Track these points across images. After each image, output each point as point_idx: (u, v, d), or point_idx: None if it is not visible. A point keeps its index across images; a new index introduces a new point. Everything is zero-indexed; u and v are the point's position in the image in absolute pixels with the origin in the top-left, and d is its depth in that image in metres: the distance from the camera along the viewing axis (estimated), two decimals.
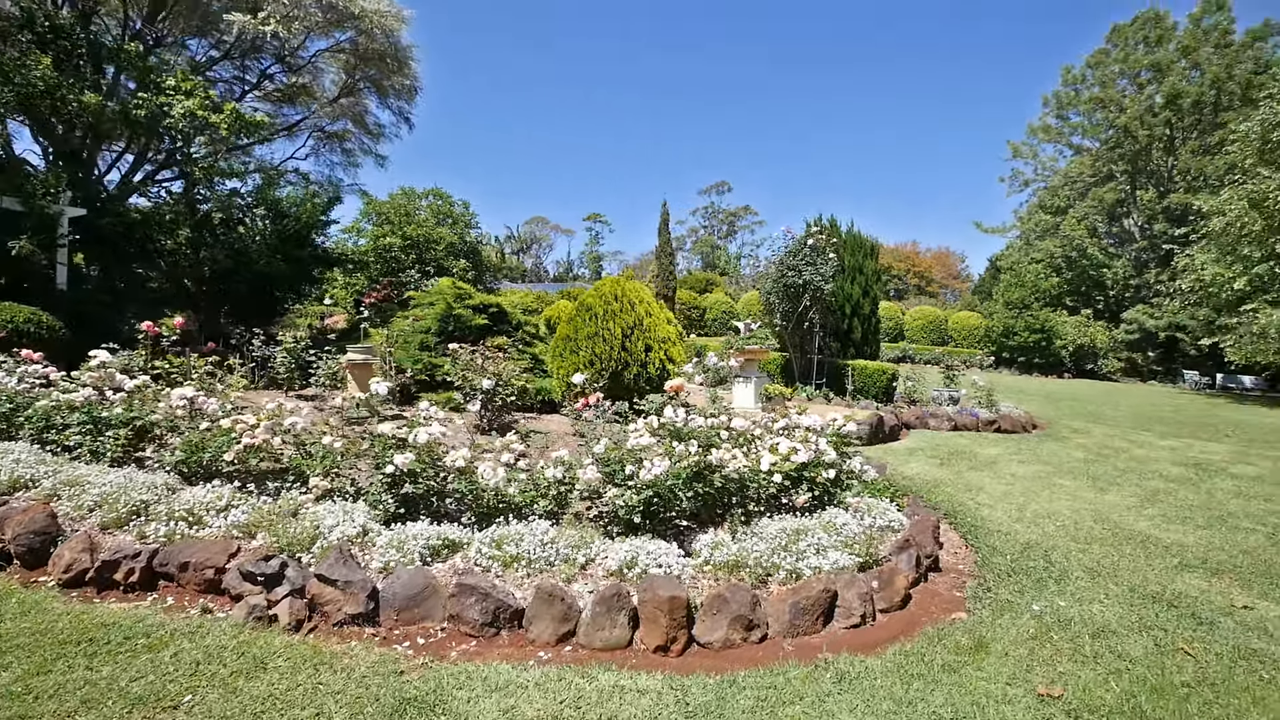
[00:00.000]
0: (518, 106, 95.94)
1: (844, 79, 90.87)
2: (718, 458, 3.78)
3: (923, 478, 6.21)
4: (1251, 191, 18.07)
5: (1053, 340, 25.86)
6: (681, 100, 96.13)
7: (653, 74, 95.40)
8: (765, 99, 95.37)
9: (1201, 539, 4.74)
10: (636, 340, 8.27)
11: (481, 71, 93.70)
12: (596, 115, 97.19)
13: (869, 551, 3.61)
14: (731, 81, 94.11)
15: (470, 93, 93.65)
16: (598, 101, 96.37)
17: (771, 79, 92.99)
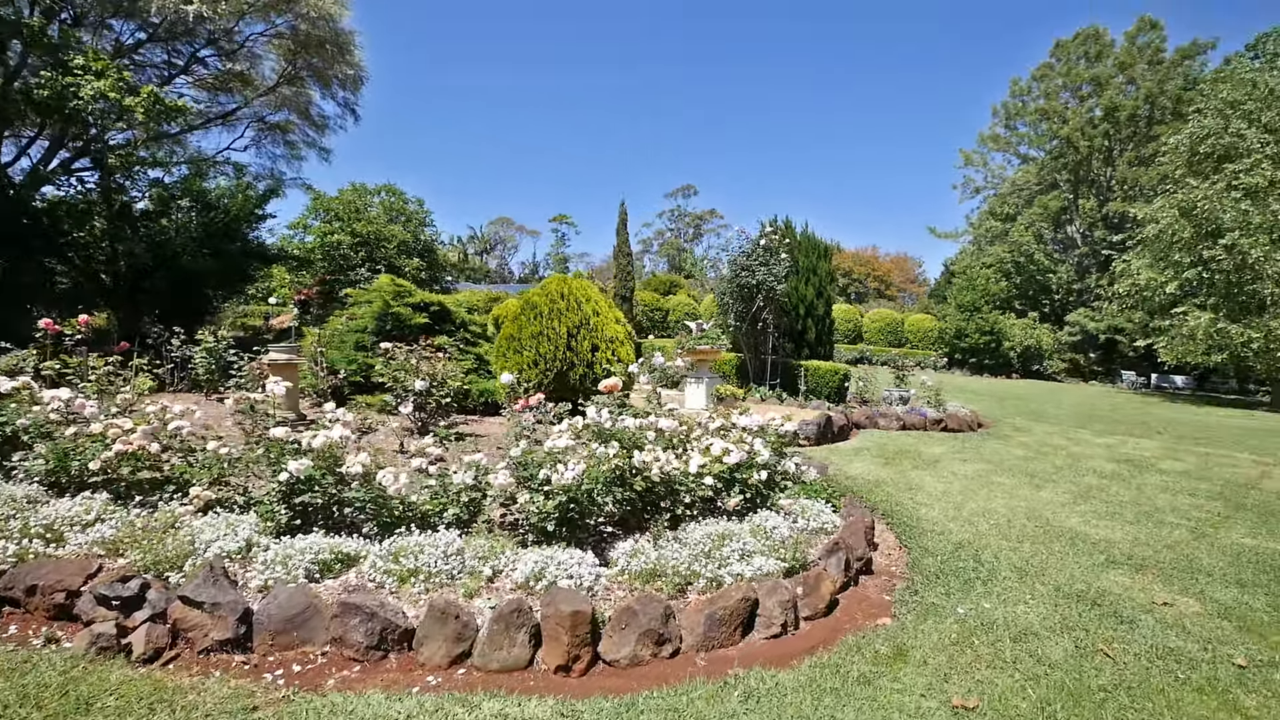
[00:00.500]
0: (482, 108, 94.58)
1: (806, 87, 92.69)
2: (641, 460, 3.57)
3: (865, 477, 6.16)
4: (1181, 201, 19.02)
5: (1002, 342, 26.73)
6: (650, 104, 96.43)
7: (623, 77, 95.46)
8: (731, 106, 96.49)
9: (1129, 534, 4.78)
10: (583, 340, 8.02)
11: (443, 70, 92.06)
12: (562, 117, 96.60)
13: (796, 556, 3.46)
14: (697, 87, 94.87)
15: (436, 92, 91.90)
16: (563, 104, 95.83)
17: (739, 86, 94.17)
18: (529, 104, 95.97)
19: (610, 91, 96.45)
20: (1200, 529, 5.06)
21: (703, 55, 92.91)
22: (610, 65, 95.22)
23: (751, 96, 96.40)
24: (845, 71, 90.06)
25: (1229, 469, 7.72)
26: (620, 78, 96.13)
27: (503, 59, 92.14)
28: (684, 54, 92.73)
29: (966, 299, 27.43)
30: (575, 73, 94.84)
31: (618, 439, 3.89)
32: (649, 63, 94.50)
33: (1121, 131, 29.46)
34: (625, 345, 8.41)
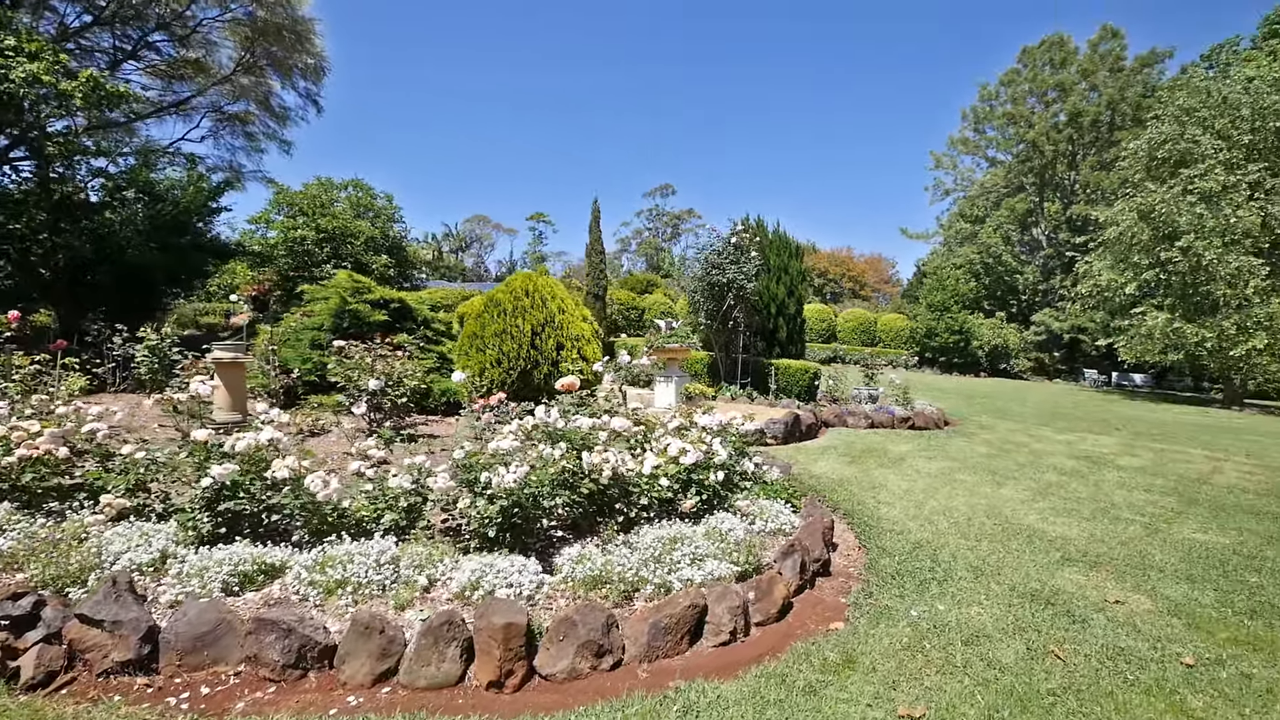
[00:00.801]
0: (456, 104, 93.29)
1: (787, 88, 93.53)
2: (590, 462, 3.43)
3: (830, 476, 6.11)
4: (1140, 204, 19.58)
5: (970, 341, 27.25)
6: (630, 103, 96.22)
7: (600, 76, 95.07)
8: (712, 106, 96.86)
9: (1085, 531, 4.80)
10: (547, 338, 7.85)
11: (418, 65, 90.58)
12: (540, 114, 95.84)
13: (750, 559, 3.36)
14: (675, 87, 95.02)
15: (410, 86, 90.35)
16: (541, 100, 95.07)
17: (721, 88, 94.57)
18: (505, 100, 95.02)
19: (591, 89, 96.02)
20: (1154, 524, 5.11)
21: (682, 57, 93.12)
22: (591, 62, 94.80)
23: (729, 98, 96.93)
24: (819, 73, 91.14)
25: (1183, 464, 7.90)
26: (601, 76, 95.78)
27: (477, 54, 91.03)
28: (657, 56, 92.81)
29: (936, 299, 27.89)
30: (552, 69, 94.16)
31: (568, 440, 3.74)
32: (632, 62, 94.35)
33: (1084, 136, 30.27)
34: (592, 344, 8.26)
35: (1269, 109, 18.22)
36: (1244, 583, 3.87)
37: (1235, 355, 17.50)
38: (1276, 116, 18.17)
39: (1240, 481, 7.03)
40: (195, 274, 11.26)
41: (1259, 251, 18.02)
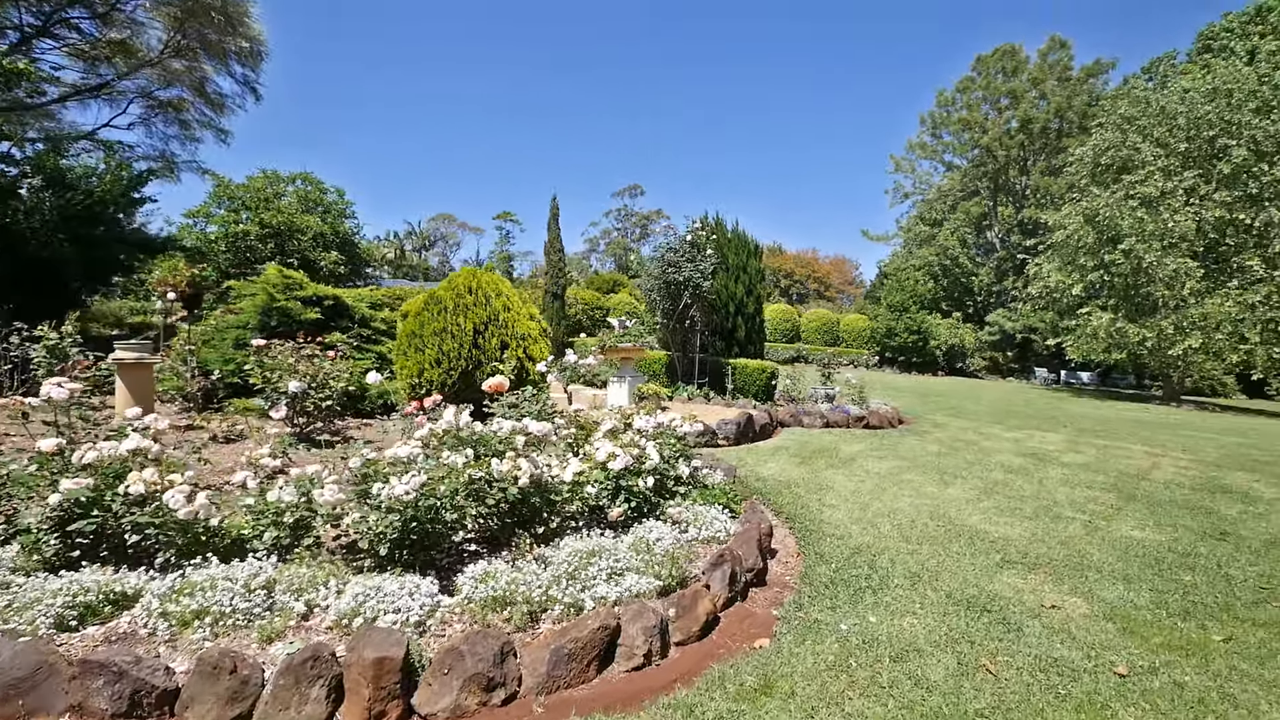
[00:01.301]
0: (422, 103, 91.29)
1: (757, 92, 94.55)
2: (499, 469, 3.14)
3: (777, 478, 5.95)
4: (1086, 208, 20.29)
5: (928, 340, 27.84)
6: (602, 103, 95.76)
7: (568, 79, 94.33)
8: (677, 103, 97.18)
9: (1026, 531, 4.74)
10: (491, 337, 7.49)
11: (380, 59, 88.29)
12: (510, 114, 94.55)
13: (676, 572, 3.12)
14: (644, 91, 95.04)
15: (371, 79, 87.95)
16: (509, 102, 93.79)
17: (695, 89, 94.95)
18: (471, 99, 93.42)
19: (561, 88, 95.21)
20: (1093, 522, 5.10)
21: (656, 58, 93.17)
22: (559, 59, 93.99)
23: (703, 99, 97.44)
24: (786, 75, 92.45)
25: (1124, 460, 8.04)
26: (571, 75, 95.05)
27: (446, 49, 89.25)
28: (629, 57, 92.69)
29: (896, 299, 28.41)
30: (520, 65, 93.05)
31: (484, 445, 3.44)
32: (600, 62, 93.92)
33: (1035, 143, 31.33)
34: (539, 343, 7.93)
35: (1202, 119, 19.08)
36: (1178, 582, 3.83)
37: (1173, 354, 18.25)
38: (1209, 126, 19.05)
39: (1176, 476, 7.17)
40: (115, 269, 10.44)
41: (1195, 255, 18.85)
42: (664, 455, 4.33)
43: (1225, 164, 18.43)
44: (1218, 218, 18.30)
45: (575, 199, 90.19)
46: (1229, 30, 31.37)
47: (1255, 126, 18.43)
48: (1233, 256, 18.62)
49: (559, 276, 15.86)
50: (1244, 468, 8.00)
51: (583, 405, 8.95)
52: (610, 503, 3.73)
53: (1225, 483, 6.95)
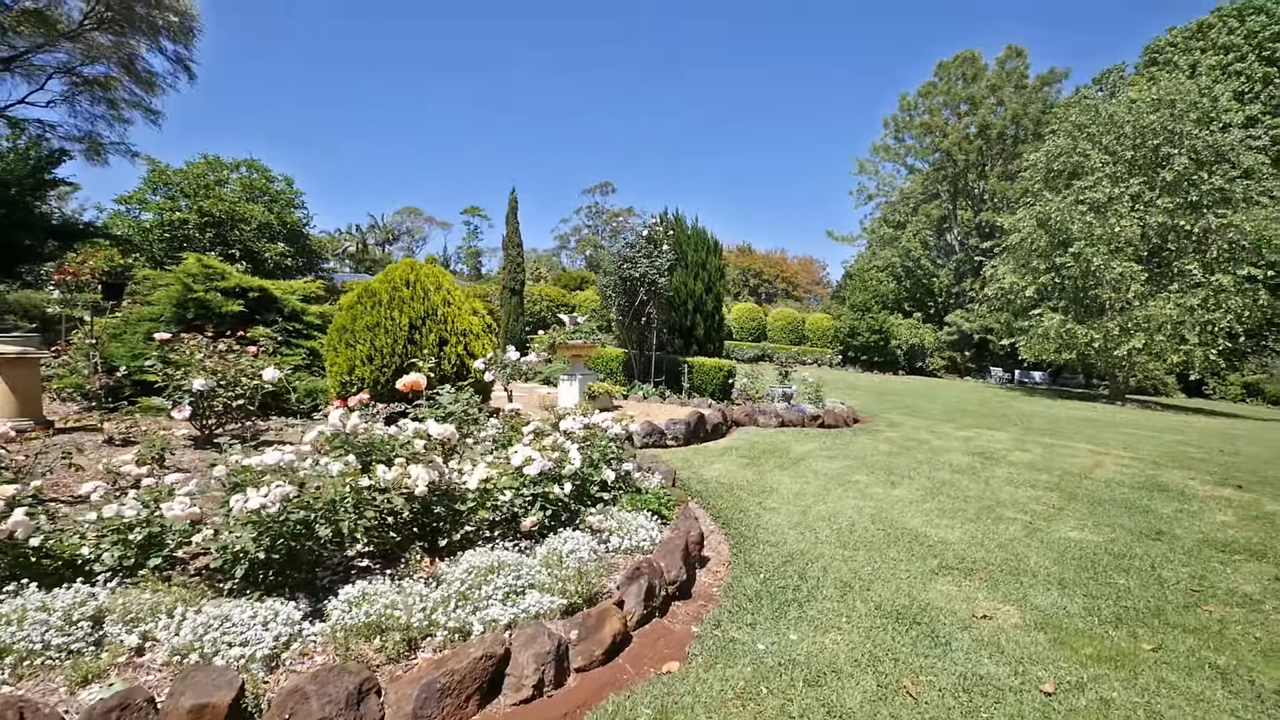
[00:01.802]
0: (390, 96, 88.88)
1: (732, 93, 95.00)
2: (387, 477, 2.82)
3: (721, 480, 5.75)
4: (1039, 212, 20.82)
5: (890, 340, 28.27)
6: (569, 99, 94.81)
7: (544, 76, 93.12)
8: (653, 104, 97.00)
9: (967, 533, 4.63)
10: (429, 332, 7.10)
11: (345, 45, 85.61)
12: (478, 107, 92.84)
13: (585, 587, 2.85)
14: (619, 91, 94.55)
15: (330, 75, 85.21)
16: (480, 93, 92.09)
17: (657, 90, 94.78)
18: (440, 93, 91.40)
19: (537, 84, 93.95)
20: (1034, 523, 5.04)
21: (627, 60, 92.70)
22: (536, 57, 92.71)
23: (666, 94, 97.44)
24: (752, 77, 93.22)
25: (1069, 459, 8.13)
26: (551, 71, 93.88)
27: (414, 30, 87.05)
28: (611, 58, 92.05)
29: (859, 299, 28.76)
30: (496, 60, 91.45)
31: (380, 450, 3.11)
32: (579, 65, 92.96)
33: (993, 148, 32.14)
34: (482, 339, 7.56)
35: (1147, 128, 19.77)
36: (1112, 585, 3.75)
37: (1118, 354, 18.86)
38: (1154, 135, 19.75)
39: (1117, 474, 7.25)
40: (20, 257, 9.61)
41: (1139, 259, 19.51)
42: (592, 458, 4.06)
43: (1168, 171, 19.13)
44: (1160, 223, 18.97)
45: (547, 196, 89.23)
46: (1173, 45, 32.78)
47: (1196, 136, 19.17)
48: (1174, 261, 19.34)
49: (517, 271, 15.43)
50: (1181, 465, 8.18)
51: (526, 405, 8.58)
52: (525, 511, 3.44)
53: (1162, 480, 7.06)
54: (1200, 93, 20.47)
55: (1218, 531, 5.16)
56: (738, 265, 57.62)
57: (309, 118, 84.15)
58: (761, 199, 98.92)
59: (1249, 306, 18.42)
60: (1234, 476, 7.58)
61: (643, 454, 6.33)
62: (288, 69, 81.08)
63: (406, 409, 4.75)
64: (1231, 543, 4.83)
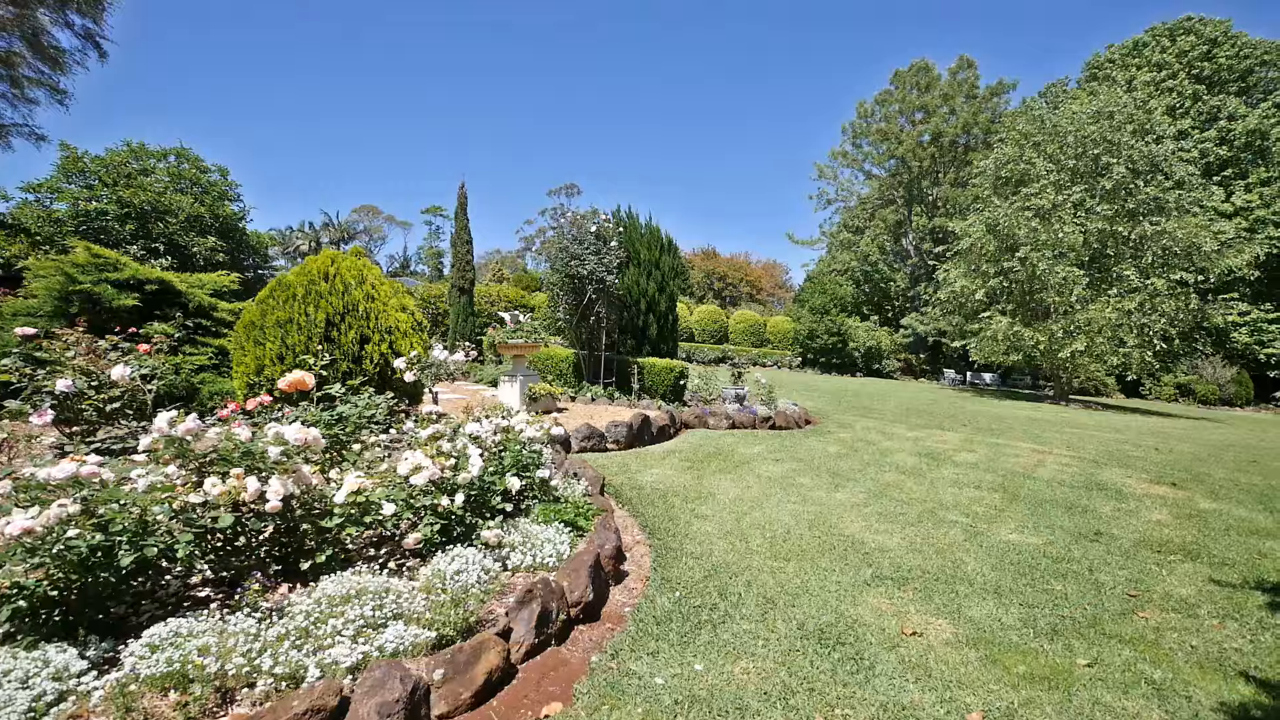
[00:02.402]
0: (349, 93, 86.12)
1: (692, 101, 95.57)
2: (214, 492, 2.36)
3: (656, 486, 5.42)
4: (988, 218, 21.33)
5: (848, 342, 28.63)
6: (526, 99, 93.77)
7: (502, 81, 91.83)
8: (620, 105, 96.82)
9: (906, 538, 4.42)
10: (348, 329, 6.56)
11: (314, 54, 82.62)
12: (441, 104, 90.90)
13: (461, 616, 2.46)
14: (588, 92, 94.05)
15: (292, 70, 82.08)
16: (447, 94, 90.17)
17: (621, 78, 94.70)
18: (406, 92, 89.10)
19: (498, 87, 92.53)
20: (975, 526, 4.87)
21: (596, 63, 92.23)
22: (487, 62, 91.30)
23: (641, 100, 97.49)
24: (712, 81, 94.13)
25: (1013, 458, 8.12)
26: (506, 75, 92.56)
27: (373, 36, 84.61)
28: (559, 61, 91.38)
29: (817, 302, 29.06)
30: (458, 63, 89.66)
31: (226, 460, 2.65)
32: (535, 69, 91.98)
33: (945, 155, 33.03)
34: (409, 338, 7.05)
35: (1088, 138, 20.52)
36: (1049, 592, 3.56)
37: (1062, 356, 19.45)
38: (1094, 145, 20.51)
39: (1059, 474, 7.24)
40: None
41: (1081, 264, 20.20)
42: (501, 465, 3.67)
43: (1107, 180, 19.88)
44: (1100, 229, 19.69)
45: (513, 198, 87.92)
46: (1111, 61, 34.40)
47: (1132, 147, 19.99)
48: (1113, 266, 20.09)
49: (466, 270, 14.83)
50: (1119, 463, 8.27)
51: (461, 409, 8.06)
52: (415, 525, 3.03)
53: (1101, 479, 7.07)
54: (1136, 105, 21.39)
55: (1154, 530, 5.11)
56: (702, 269, 57.82)
57: (258, 106, 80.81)
58: (725, 204, 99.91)
59: (1181, 309, 19.25)
60: (1168, 474, 7.69)
61: (579, 458, 5.96)
62: (248, 57, 77.73)
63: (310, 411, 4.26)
64: (1167, 543, 4.76)
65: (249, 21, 75.02)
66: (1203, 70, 31.46)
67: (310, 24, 79.30)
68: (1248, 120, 29.32)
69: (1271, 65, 30.71)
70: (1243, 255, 20.64)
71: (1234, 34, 31.35)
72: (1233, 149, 29.84)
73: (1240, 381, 27.71)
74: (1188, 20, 32.37)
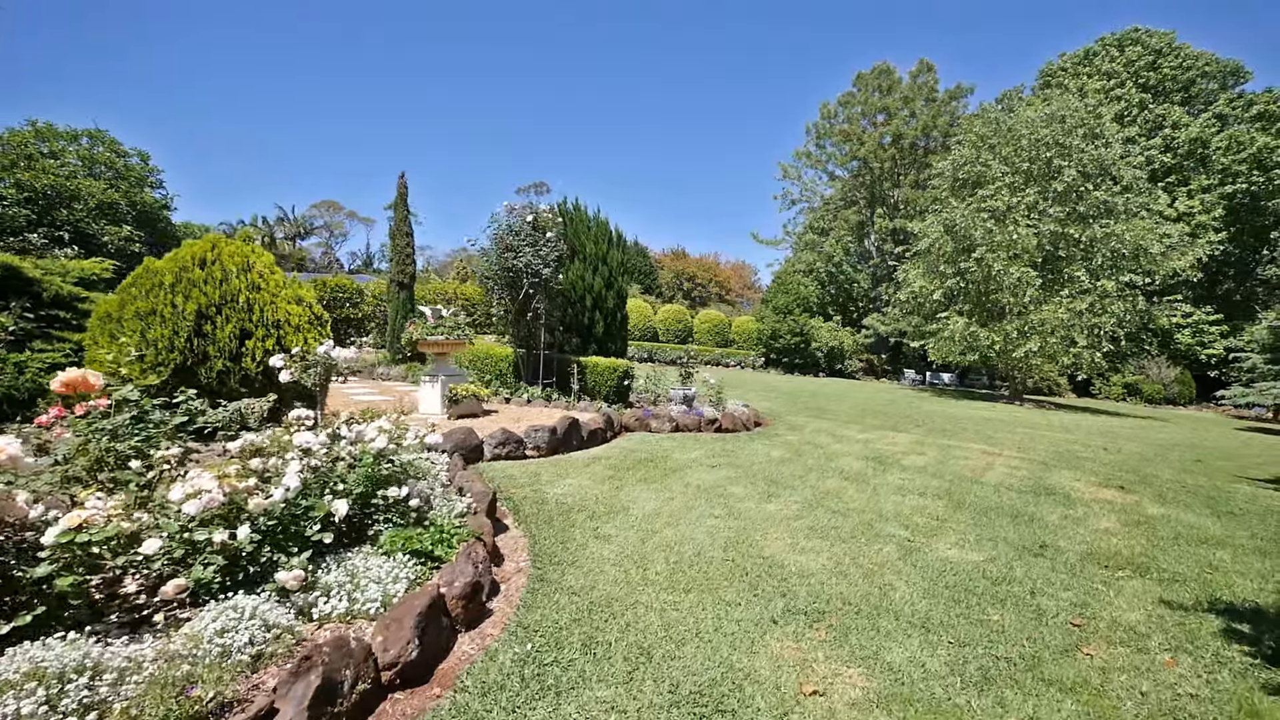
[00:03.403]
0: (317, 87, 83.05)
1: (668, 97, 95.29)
2: None
3: (564, 500, 4.80)
4: (946, 219, 21.39)
5: (810, 342, 28.53)
6: (508, 99, 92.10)
7: (478, 80, 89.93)
8: (595, 106, 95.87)
9: (834, 558, 3.91)
10: (224, 322, 5.76)
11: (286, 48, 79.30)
12: (410, 100, 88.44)
13: (184, 707, 1.80)
14: (563, 90, 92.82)
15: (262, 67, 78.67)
16: (417, 95, 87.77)
17: (584, 78, 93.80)
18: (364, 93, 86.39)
19: (471, 85, 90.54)
20: (913, 541, 4.40)
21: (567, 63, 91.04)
22: (462, 62, 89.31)
23: (612, 99, 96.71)
24: (692, 82, 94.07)
25: (962, 461, 7.78)
26: (485, 75, 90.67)
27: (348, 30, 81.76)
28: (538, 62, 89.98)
29: (780, 302, 28.88)
30: (428, 63, 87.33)
31: None
32: (520, 69, 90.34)
33: (906, 157, 33.32)
34: (304, 333, 6.28)
35: (1040, 140, 20.75)
36: (985, 624, 3.08)
37: (1016, 356, 19.57)
38: (1046, 148, 20.74)
39: (1007, 478, 6.91)
40: None
41: (1034, 265, 20.39)
42: (331, 483, 3.00)
43: (1059, 182, 20.11)
44: (1053, 231, 19.91)
45: (483, 197, 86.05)
46: (1064, 69, 35.27)
47: (1083, 150, 20.27)
48: (1065, 268, 20.34)
49: (405, 263, 13.95)
50: (1068, 465, 8.02)
51: (346, 412, 7.27)
52: (186, 567, 2.35)
53: (1050, 483, 6.76)
54: (1088, 110, 21.73)
55: (1101, 541, 4.73)
56: (672, 269, 57.50)
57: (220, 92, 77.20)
58: (697, 204, 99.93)
59: (1129, 311, 19.57)
60: (1116, 476, 7.45)
61: (475, 471, 5.31)
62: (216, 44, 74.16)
63: None
64: (1115, 555, 4.38)
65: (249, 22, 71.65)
66: (1149, 80, 32.48)
67: (311, 24, 76.15)
68: (1190, 129, 30.33)
69: (1211, 77, 31.90)
70: (1186, 258, 21.15)
71: (1178, 45, 32.46)
72: (1176, 156, 30.85)
73: (1183, 381, 28.59)
74: (1135, 31, 33.39)
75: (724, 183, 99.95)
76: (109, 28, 63.53)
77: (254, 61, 74.57)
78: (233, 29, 67.73)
